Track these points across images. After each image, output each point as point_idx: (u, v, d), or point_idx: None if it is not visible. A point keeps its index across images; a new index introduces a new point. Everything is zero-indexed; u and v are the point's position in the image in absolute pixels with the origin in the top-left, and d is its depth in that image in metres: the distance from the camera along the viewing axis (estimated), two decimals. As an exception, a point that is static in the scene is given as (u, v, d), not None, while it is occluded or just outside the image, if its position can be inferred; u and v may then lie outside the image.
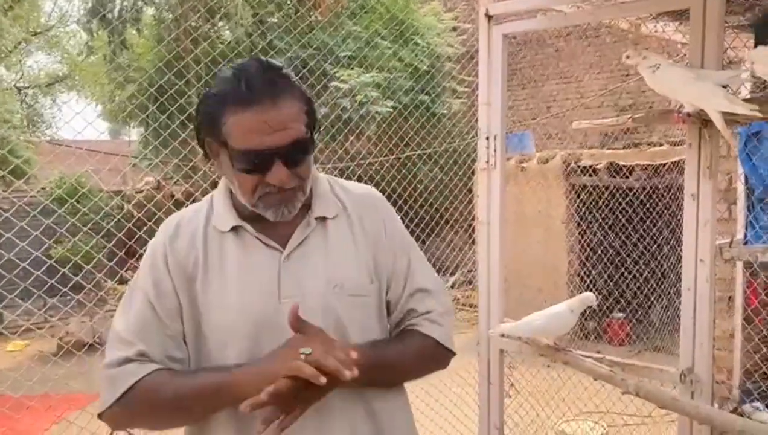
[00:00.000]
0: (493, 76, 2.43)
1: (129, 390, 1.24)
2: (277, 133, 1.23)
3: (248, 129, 1.22)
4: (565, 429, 4.13)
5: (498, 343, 2.48)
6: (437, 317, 1.44)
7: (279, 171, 1.25)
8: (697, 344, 2.04)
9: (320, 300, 1.31)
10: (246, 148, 1.23)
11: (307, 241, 1.35)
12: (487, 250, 2.50)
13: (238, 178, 1.28)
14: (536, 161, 7.69)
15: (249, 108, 1.22)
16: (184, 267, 1.32)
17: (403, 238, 1.48)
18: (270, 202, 1.29)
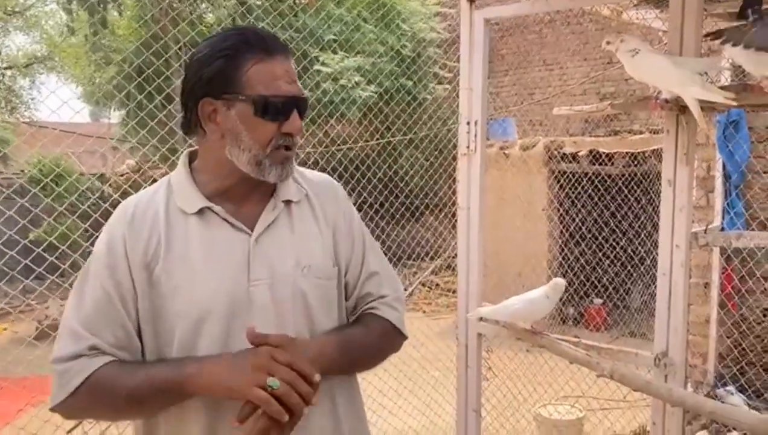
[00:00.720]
0: (475, 61, 2.43)
1: (80, 385, 1.22)
2: (294, 84, 1.32)
3: (274, 75, 1.29)
4: (541, 412, 4.17)
5: (476, 327, 2.50)
6: (392, 301, 1.46)
7: (296, 120, 1.31)
8: (672, 329, 2.06)
9: (290, 282, 1.32)
10: (273, 93, 1.28)
11: (275, 224, 1.35)
12: (466, 235, 2.51)
13: (256, 127, 1.29)
14: (518, 148, 7.72)
15: (273, 57, 1.29)
16: (144, 251, 1.28)
17: (360, 226, 1.51)
18: (277, 158, 1.31)
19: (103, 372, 1.22)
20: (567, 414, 4.16)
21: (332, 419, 1.36)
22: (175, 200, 1.33)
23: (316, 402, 1.19)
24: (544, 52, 10.52)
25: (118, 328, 1.26)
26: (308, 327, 1.33)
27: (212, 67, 1.29)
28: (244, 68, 1.27)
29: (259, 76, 1.27)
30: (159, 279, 1.27)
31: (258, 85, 1.27)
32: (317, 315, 1.35)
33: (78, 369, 1.22)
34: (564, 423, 4.12)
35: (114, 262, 1.28)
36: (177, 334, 1.26)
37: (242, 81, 1.27)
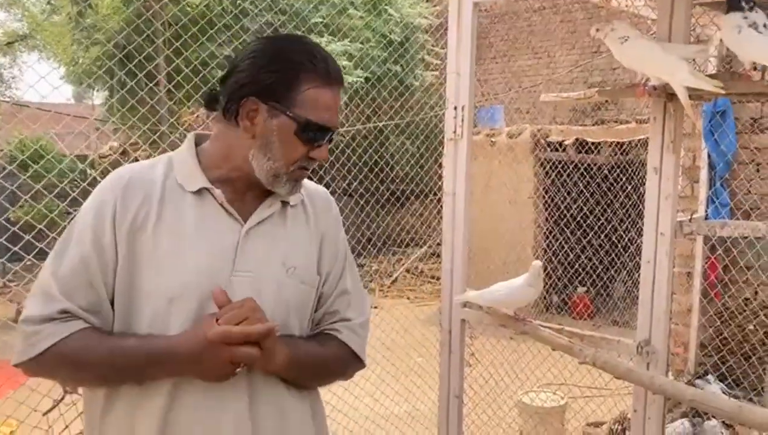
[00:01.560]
0: (463, 46, 2.41)
1: (47, 350, 1.21)
2: (336, 116, 1.36)
3: (326, 105, 1.32)
4: (523, 399, 4.19)
5: (460, 313, 2.49)
6: (355, 326, 1.46)
7: (325, 149, 1.35)
8: (655, 317, 2.07)
9: (274, 280, 1.32)
10: (318, 120, 1.31)
11: (268, 221, 1.36)
12: (451, 222, 2.50)
13: (291, 145, 1.31)
14: (505, 135, 7.72)
15: (330, 87, 1.33)
16: (132, 218, 1.27)
17: (344, 243, 1.53)
18: (296, 175, 1.35)
19: (71, 340, 1.22)
20: (549, 401, 4.18)
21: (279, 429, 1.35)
22: (175, 176, 1.33)
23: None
24: (533, 39, 10.51)
25: (92, 292, 1.25)
26: (285, 328, 1.33)
27: (272, 74, 1.30)
28: (302, 88, 1.30)
29: (313, 101, 1.30)
30: (142, 249, 1.26)
31: (309, 108, 1.30)
32: (292, 317, 1.36)
33: (47, 333, 1.22)
34: (545, 410, 4.14)
35: (101, 226, 1.26)
36: (150, 308, 1.25)
37: (296, 98, 1.30)
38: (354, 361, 1.47)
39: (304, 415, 1.39)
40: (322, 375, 1.46)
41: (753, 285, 4.27)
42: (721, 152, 4.03)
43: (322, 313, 1.45)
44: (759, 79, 1.76)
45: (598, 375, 4.33)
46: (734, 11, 1.72)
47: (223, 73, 1.36)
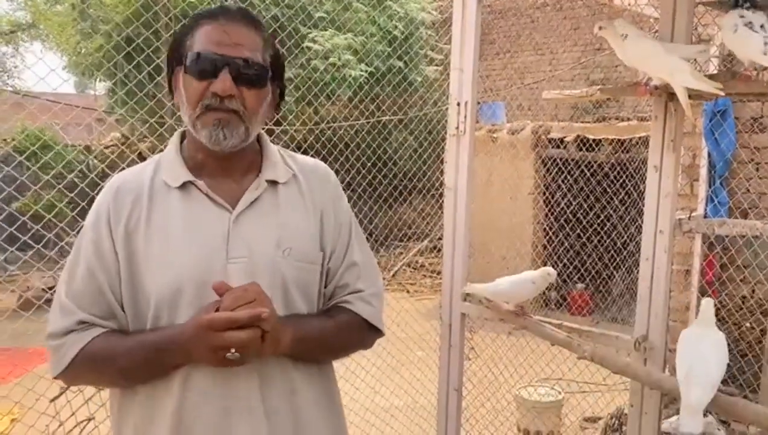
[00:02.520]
0: (466, 42, 2.42)
1: (74, 358, 1.27)
2: (234, 47, 1.30)
3: (209, 36, 1.31)
4: (522, 393, 4.22)
5: (460, 307, 2.51)
6: (368, 296, 1.46)
7: (223, 79, 1.29)
8: (653, 313, 2.09)
9: (269, 262, 1.32)
10: (201, 50, 1.30)
11: (257, 203, 1.35)
12: (453, 216, 2.52)
13: (188, 86, 1.31)
14: (507, 132, 7.73)
15: (216, 20, 1.32)
16: (125, 223, 1.30)
17: (348, 214, 1.50)
18: (207, 120, 1.30)
19: (92, 345, 1.27)
20: (546, 396, 4.21)
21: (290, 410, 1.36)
22: (161, 175, 1.35)
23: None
24: (536, 36, 10.51)
25: (103, 300, 1.29)
26: (285, 310, 1.33)
27: (175, 37, 1.36)
28: (191, 33, 1.32)
29: (199, 37, 1.31)
30: (137, 250, 1.29)
31: (196, 45, 1.30)
32: (295, 298, 1.36)
33: (70, 344, 1.27)
34: (543, 404, 4.17)
35: (99, 235, 1.30)
36: (152, 306, 1.28)
37: (187, 45, 1.32)
38: (370, 330, 1.47)
39: (317, 396, 1.40)
40: (336, 348, 1.46)
41: (750, 283, 4.30)
42: (720, 151, 4.05)
43: (333, 287, 1.44)
44: (755, 79, 1.77)
45: (597, 370, 4.36)
46: (734, 9, 1.74)
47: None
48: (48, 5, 12.08)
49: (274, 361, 1.31)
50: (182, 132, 1.43)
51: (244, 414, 1.28)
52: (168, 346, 1.25)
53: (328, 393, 1.46)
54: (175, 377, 1.28)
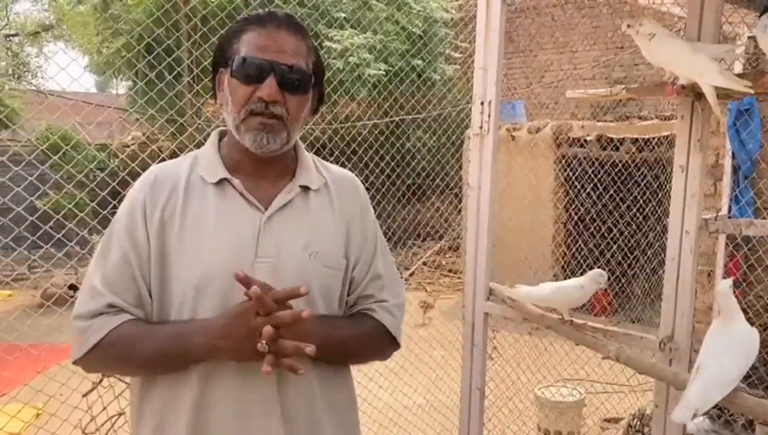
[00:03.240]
0: (491, 41, 2.42)
1: (98, 343, 1.28)
2: (280, 54, 1.33)
3: (256, 42, 1.33)
4: (542, 393, 4.21)
5: (483, 306, 2.51)
6: (391, 307, 1.48)
7: (270, 84, 1.31)
8: (678, 313, 2.08)
9: (295, 264, 1.34)
10: (248, 55, 1.32)
11: (289, 206, 1.37)
12: (476, 215, 2.52)
13: (234, 90, 1.34)
14: (527, 130, 7.70)
15: (264, 27, 1.34)
16: (160, 215, 1.32)
17: (375, 226, 1.53)
18: (251, 124, 1.33)
19: (119, 331, 1.28)
20: (567, 396, 4.19)
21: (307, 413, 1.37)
22: (198, 170, 1.38)
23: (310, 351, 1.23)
24: (556, 35, 10.45)
25: (135, 286, 1.31)
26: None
27: (223, 41, 1.38)
28: (238, 37, 1.34)
29: (245, 42, 1.33)
30: (170, 241, 1.31)
31: (243, 50, 1.32)
32: (317, 302, 1.37)
33: (97, 327, 1.28)
34: (563, 404, 4.16)
35: (133, 223, 1.32)
36: (177, 297, 1.30)
37: (233, 49, 1.34)
38: (390, 341, 1.48)
39: (334, 400, 1.42)
40: (356, 354, 1.47)
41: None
42: (747, 152, 4.00)
43: (356, 296, 1.47)
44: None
45: (621, 371, 4.33)
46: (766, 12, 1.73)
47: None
48: (71, 6, 12.23)
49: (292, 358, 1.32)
50: (221, 130, 1.46)
51: (260, 417, 1.30)
52: (196, 335, 1.26)
53: (345, 397, 1.47)
54: (195, 377, 1.29)
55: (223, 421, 1.30)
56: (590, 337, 2.18)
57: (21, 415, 3.46)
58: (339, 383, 1.45)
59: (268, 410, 1.31)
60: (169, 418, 1.31)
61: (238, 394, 1.30)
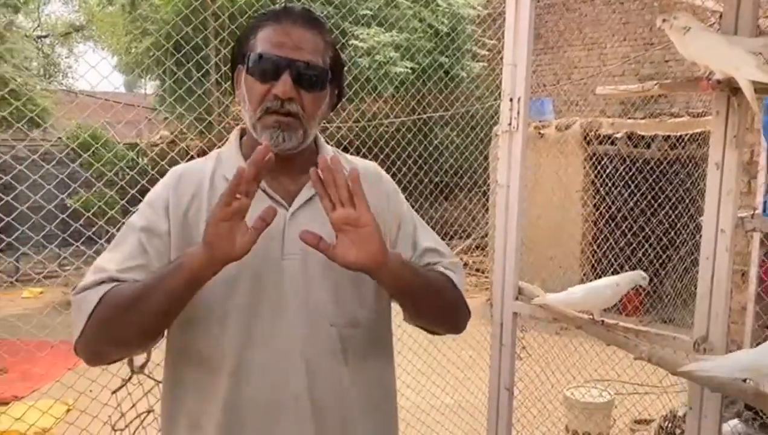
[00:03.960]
0: (520, 36, 2.39)
1: (95, 308, 1.21)
2: (295, 50, 1.31)
3: (271, 38, 1.31)
4: (572, 394, 4.16)
5: (512, 306, 2.49)
6: (452, 266, 1.46)
7: (284, 82, 1.29)
8: (713, 313, 2.03)
9: (323, 260, 1.29)
10: (263, 51, 1.30)
11: (312, 202, 1.35)
12: (504, 214, 2.49)
13: (250, 88, 1.32)
14: (555, 128, 7.62)
15: (279, 23, 1.33)
16: (184, 213, 1.32)
17: (408, 207, 1.51)
18: (267, 122, 1.31)
19: (115, 291, 1.22)
20: (597, 397, 4.14)
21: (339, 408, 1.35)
22: (221, 170, 1.37)
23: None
24: (586, 30, 10.33)
25: (145, 275, 1.26)
26: (337, 307, 1.34)
27: (241, 39, 1.37)
28: (254, 34, 1.33)
29: (260, 39, 1.32)
30: (194, 242, 1.27)
31: (258, 47, 1.31)
32: (347, 296, 1.35)
33: (93, 292, 1.22)
34: (592, 405, 4.11)
35: (155, 217, 1.31)
36: (205, 299, 1.28)
37: (249, 46, 1.33)
38: (463, 301, 1.44)
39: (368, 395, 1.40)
40: (440, 301, 1.40)
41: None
42: (783, 148, 3.90)
43: None
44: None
45: (652, 372, 4.27)
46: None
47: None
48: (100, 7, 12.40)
49: (322, 357, 1.31)
50: (242, 128, 1.45)
51: (291, 415, 1.29)
52: (185, 253, 1.20)
53: (381, 392, 1.45)
54: (225, 376, 1.28)
55: (254, 421, 1.29)
56: (622, 337, 2.14)
57: (52, 411, 3.52)
58: (374, 379, 1.42)
59: (299, 408, 1.30)
60: (202, 419, 1.31)
61: (268, 392, 1.29)
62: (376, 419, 1.42)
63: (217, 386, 1.29)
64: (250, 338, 1.29)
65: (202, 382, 1.31)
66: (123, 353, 1.35)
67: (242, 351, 1.29)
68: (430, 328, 1.48)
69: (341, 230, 1.20)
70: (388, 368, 1.48)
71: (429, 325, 1.47)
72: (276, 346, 1.29)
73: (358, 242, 1.20)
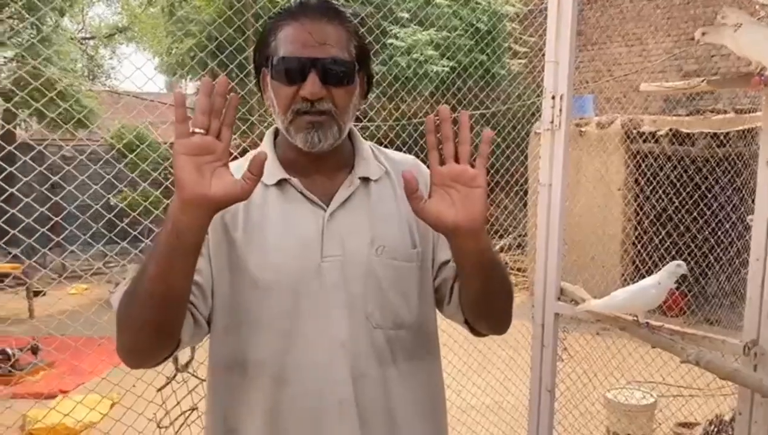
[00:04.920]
0: (562, 33, 2.35)
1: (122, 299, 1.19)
2: (319, 47, 1.25)
3: (292, 38, 1.26)
4: (612, 396, 4.09)
5: (554, 306, 2.46)
6: None
7: (312, 82, 1.24)
8: (764, 316, 1.98)
9: (362, 261, 1.29)
10: (286, 54, 1.25)
11: (351, 201, 1.33)
12: (546, 213, 2.46)
13: (277, 92, 1.28)
14: (595, 125, 7.51)
15: (298, 20, 1.27)
16: (221, 217, 1.28)
17: None
18: (300, 124, 1.27)
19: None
20: (641, 400, 4.07)
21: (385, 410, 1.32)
22: None
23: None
24: (628, 26, 10.16)
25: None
26: (380, 309, 1.31)
27: (261, 39, 1.32)
28: (273, 36, 1.28)
29: (283, 39, 1.26)
30: (234, 246, 1.28)
31: (280, 48, 1.26)
32: (390, 297, 1.32)
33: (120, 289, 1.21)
34: (634, 408, 4.03)
35: None
36: (245, 302, 1.27)
37: (272, 49, 1.28)
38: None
39: (414, 396, 1.36)
40: (506, 290, 1.33)
41: None
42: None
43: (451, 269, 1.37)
44: None
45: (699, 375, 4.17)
46: None
47: None
48: (142, 8, 12.64)
49: (367, 361, 1.29)
50: (275, 128, 1.42)
51: (336, 421, 1.27)
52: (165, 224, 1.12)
53: (429, 394, 1.41)
54: (267, 381, 1.27)
55: (297, 427, 1.27)
56: (667, 339, 2.09)
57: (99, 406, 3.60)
58: (421, 381, 1.39)
59: (344, 413, 1.27)
60: (240, 425, 1.29)
61: (311, 398, 1.26)
62: (424, 423, 1.38)
63: (258, 393, 1.28)
64: (291, 343, 1.27)
65: (242, 388, 1.29)
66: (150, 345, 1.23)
67: (283, 356, 1.27)
68: (480, 321, 1.38)
69: (446, 186, 1.14)
70: (436, 370, 1.44)
71: (484, 315, 1.37)
72: (318, 350, 1.27)
73: (464, 201, 1.14)
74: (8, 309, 7.73)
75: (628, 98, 9.64)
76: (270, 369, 1.27)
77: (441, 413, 1.46)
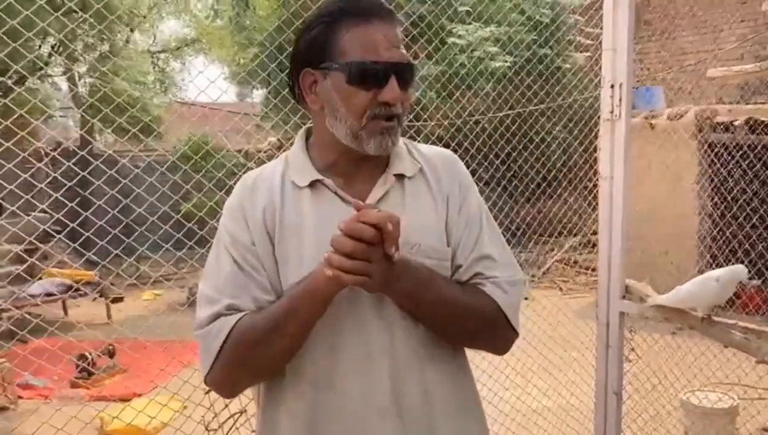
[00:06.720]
0: (620, 19, 2.26)
1: (224, 343, 1.23)
2: (395, 50, 1.25)
3: (370, 41, 1.24)
4: (690, 399, 3.89)
5: (618, 305, 2.36)
6: (503, 283, 1.33)
7: (393, 87, 1.24)
8: None
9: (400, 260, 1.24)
10: (365, 58, 1.23)
11: (385, 199, 1.31)
12: (608, 208, 2.37)
13: (350, 97, 1.25)
14: (666, 117, 7.23)
15: (370, 21, 1.25)
16: (261, 218, 1.29)
17: (478, 204, 1.41)
18: (375, 128, 1.25)
19: (241, 322, 1.23)
20: (718, 402, 3.86)
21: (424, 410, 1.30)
22: (289, 175, 1.34)
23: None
24: (698, 13, 9.74)
25: (256, 289, 1.27)
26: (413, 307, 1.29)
27: (310, 36, 1.28)
28: (340, 34, 1.25)
29: (355, 42, 1.24)
30: (275, 250, 1.29)
31: (353, 51, 1.24)
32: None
33: (218, 328, 1.24)
34: (714, 411, 3.83)
35: (237, 231, 1.30)
36: None
37: (338, 48, 1.25)
38: (504, 323, 1.34)
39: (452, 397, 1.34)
40: (467, 325, 1.33)
41: None
42: None
43: (464, 278, 1.35)
44: None
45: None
46: None
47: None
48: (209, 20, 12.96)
49: (406, 360, 1.28)
50: (307, 130, 1.41)
51: (376, 415, 1.26)
52: (312, 277, 1.21)
53: (465, 394, 1.39)
54: (307, 386, 1.27)
55: (339, 425, 1.26)
56: (740, 337, 1.97)
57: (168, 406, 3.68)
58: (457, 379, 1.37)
59: (383, 408, 1.26)
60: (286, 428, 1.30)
61: (354, 403, 1.26)
62: (463, 424, 1.36)
63: (299, 398, 1.28)
64: (329, 347, 1.27)
65: (282, 394, 1.30)
66: (259, 381, 1.35)
67: (323, 360, 1.27)
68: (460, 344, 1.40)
69: None
70: (467, 369, 1.42)
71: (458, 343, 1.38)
72: (357, 353, 1.27)
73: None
74: (90, 315, 8.03)
75: (700, 88, 9.25)
76: (310, 375, 1.27)
77: (478, 411, 1.44)
